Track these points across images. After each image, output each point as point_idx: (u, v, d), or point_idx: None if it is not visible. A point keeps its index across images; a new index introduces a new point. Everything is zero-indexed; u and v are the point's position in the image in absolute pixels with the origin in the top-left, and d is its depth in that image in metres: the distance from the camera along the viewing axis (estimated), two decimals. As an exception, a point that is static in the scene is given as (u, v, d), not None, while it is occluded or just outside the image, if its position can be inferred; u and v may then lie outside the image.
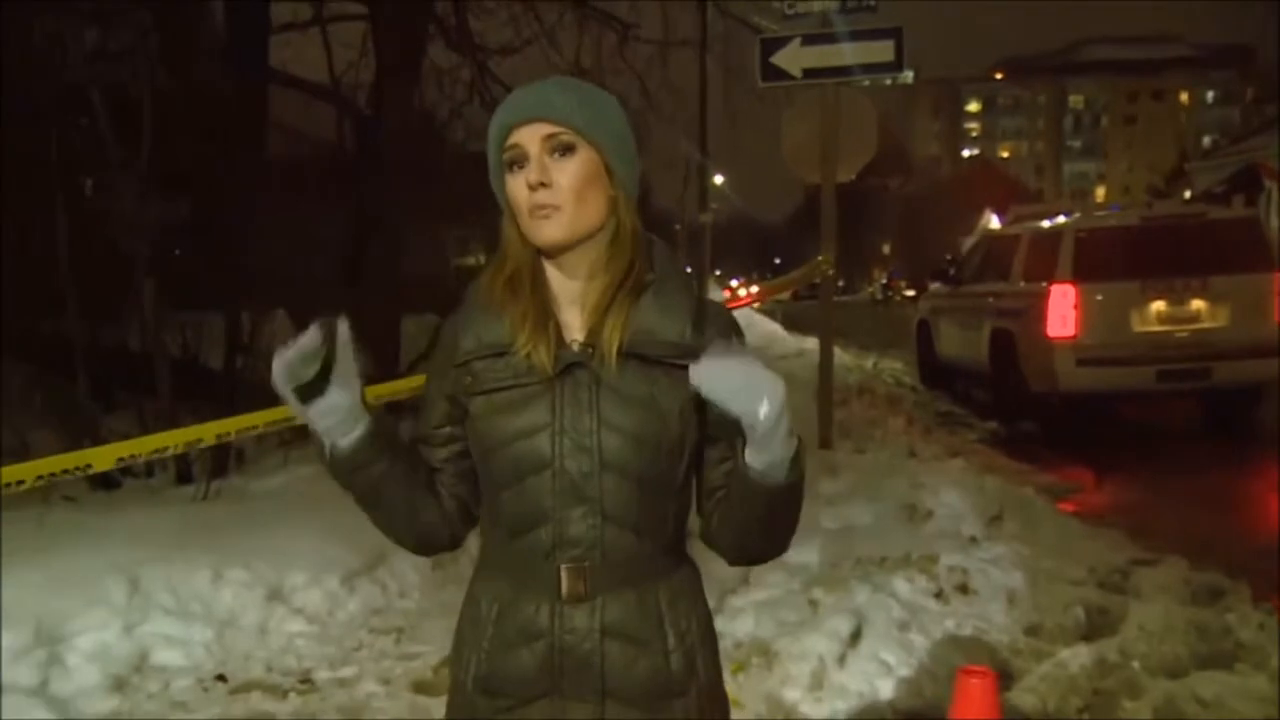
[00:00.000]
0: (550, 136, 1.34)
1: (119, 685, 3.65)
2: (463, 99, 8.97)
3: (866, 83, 7.46)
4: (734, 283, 65.02)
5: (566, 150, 1.34)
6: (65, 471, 1.62)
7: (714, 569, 5.40)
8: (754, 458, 1.28)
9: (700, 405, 1.32)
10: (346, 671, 3.82)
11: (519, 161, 1.36)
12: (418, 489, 1.44)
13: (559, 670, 1.37)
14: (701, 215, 25.95)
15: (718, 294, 33.96)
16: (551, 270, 1.40)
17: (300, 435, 4.58)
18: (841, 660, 3.76)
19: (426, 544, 1.51)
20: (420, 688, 3.64)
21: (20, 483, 1.56)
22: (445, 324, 1.46)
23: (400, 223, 7.82)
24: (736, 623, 4.20)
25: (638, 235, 1.40)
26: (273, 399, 1.32)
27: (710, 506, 1.44)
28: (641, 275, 1.38)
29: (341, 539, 4.51)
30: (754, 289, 38.47)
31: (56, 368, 5.63)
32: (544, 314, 1.37)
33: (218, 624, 4.03)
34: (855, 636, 3.90)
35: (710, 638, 1.46)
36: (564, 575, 1.36)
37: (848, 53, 6.76)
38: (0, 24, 5.47)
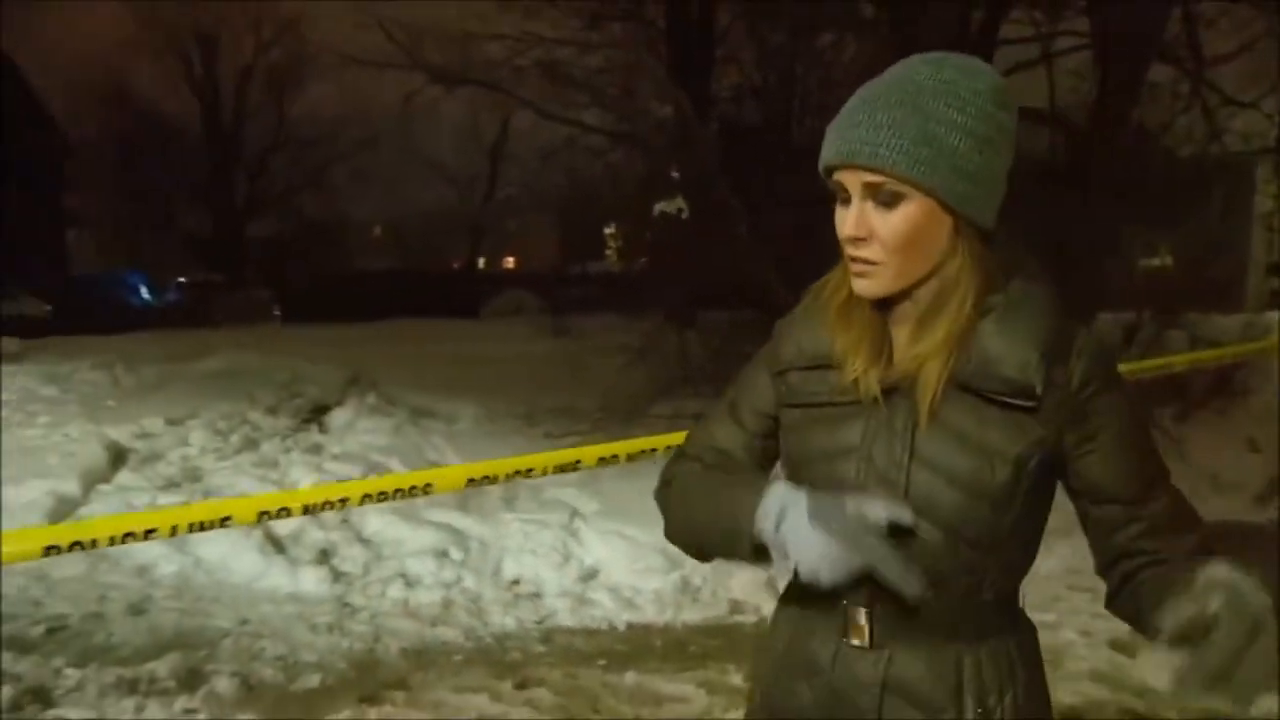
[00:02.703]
0: (871, 185, 0.93)
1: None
2: (1180, 109, 7.07)
3: None
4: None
5: (893, 199, 0.93)
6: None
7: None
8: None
9: (1052, 454, 0.95)
10: (1048, 617, 3.56)
11: (843, 198, 0.97)
12: None
13: (833, 716, 1.02)
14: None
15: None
16: None
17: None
18: None
19: None
20: (1117, 646, 3.31)
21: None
22: (776, 327, 1.11)
23: (1103, 230, 6.54)
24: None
25: (982, 259, 0.96)
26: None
27: (1115, 581, 0.99)
28: (981, 297, 0.96)
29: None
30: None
31: (736, 344, 6.05)
32: (881, 334, 1.00)
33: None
34: None
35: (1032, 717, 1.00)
36: (850, 618, 1.01)
37: None
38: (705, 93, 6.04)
